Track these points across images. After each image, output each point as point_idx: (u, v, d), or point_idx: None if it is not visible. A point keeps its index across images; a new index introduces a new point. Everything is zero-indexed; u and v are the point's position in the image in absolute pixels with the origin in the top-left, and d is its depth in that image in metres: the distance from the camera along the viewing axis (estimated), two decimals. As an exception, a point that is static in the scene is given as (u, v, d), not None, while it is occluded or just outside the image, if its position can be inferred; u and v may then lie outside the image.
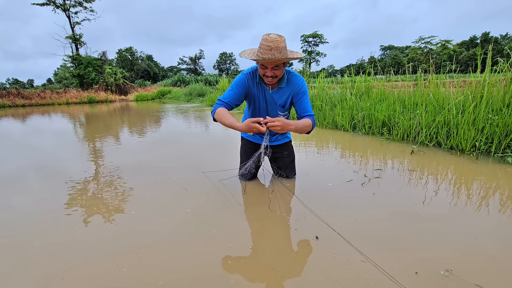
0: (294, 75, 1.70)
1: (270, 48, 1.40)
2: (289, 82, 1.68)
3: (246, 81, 1.68)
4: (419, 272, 1.01)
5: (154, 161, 2.75)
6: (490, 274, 1.00)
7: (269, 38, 1.41)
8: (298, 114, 1.73)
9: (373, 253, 1.14)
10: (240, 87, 1.67)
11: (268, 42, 1.41)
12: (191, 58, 68.41)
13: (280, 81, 1.66)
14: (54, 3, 21.18)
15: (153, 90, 22.98)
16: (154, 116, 7.62)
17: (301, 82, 1.69)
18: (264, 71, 1.53)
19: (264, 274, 1.04)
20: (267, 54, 1.41)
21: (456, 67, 3.95)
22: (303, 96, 1.68)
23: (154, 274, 1.05)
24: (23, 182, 2.25)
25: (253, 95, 1.73)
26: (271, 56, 1.41)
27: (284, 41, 1.44)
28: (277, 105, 1.75)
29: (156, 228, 1.42)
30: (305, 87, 1.69)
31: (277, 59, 1.41)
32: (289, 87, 1.69)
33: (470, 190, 1.80)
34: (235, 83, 1.68)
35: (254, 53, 1.52)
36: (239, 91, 1.67)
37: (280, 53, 1.41)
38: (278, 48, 1.40)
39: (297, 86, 1.68)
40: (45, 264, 1.15)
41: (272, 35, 1.43)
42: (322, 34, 56.58)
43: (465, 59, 41.88)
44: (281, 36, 1.44)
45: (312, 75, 7.74)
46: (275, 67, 1.50)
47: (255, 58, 1.48)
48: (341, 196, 1.76)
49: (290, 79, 1.68)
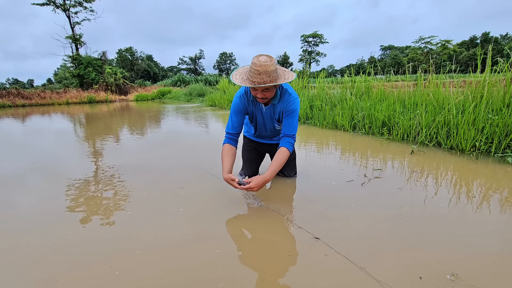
0: (287, 93, 1.68)
1: (259, 72, 1.41)
2: (281, 99, 1.69)
3: (241, 104, 1.74)
4: (423, 277, 0.98)
5: (153, 161, 2.74)
6: (497, 278, 0.98)
7: (258, 62, 1.41)
8: (282, 131, 1.73)
9: (374, 255, 1.12)
10: (237, 113, 1.74)
11: (257, 66, 1.41)
12: (191, 58, 68.43)
13: (273, 98, 1.68)
14: (54, 3, 21.15)
15: (153, 90, 22.95)
16: (154, 116, 7.61)
17: (292, 101, 1.67)
18: (255, 92, 1.55)
19: (256, 278, 1.02)
20: (256, 78, 1.42)
21: (456, 67, 3.94)
22: (290, 115, 1.68)
23: (144, 279, 1.04)
24: (20, 183, 2.24)
25: (250, 112, 1.81)
26: (260, 80, 1.42)
27: (274, 64, 1.44)
28: (273, 119, 1.80)
29: (151, 229, 1.40)
30: (293, 106, 1.67)
31: (265, 85, 1.43)
32: (280, 103, 1.70)
33: (471, 190, 1.79)
34: (232, 110, 1.75)
35: (246, 73, 1.53)
36: (238, 117, 1.74)
37: (269, 77, 1.42)
38: (267, 72, 1.41)
39: (287, 105, 1.67)
40: (39, 266, 1.14)
41: (262, 58, 1.44)
42: (322, 34, 56.65)
43: (465, 59, 41.88)
44: (271, 59, 1.44)
45: (312, 75, 7.74)
46: (265, 90, 1.51)
47: (244, 83, 1.49)
48: (341, 196, 1.75)
49: (282, 96, 1.68)
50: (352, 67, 7.18)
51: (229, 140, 1.73)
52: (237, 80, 1.52)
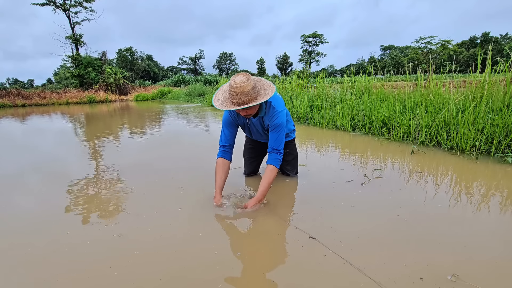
0: (271, 107, 1.66)
1: (236, 93, 1.43)
2: (267, 112, 1.68)
3: (231, 118, 1.76)
4: (424, 278, 0.98)
5: (153, 161, 2.74)
6: (497, 278, 0.98)
7: (234, 84, 1.42)
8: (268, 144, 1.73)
9: (374, 256, 1.12)
10: (228, 126, 1.77)
11: (233, 88, 1.42)
12: (191, 58, 68.43)
13: (260, 111, 1.68)
14: (54, 3, 21.15)
15: (153, 90, 22.95)
16: (154, 116, 7.61)
17: (275, 115, 1.65)
18: (238, 110, 1.56)
19: (255, 279, 1.02)
20: (234, 99, 1.45)
21: (456, 67, 3.94)
22: (275, 129, 1.67)
23: (143, 279, 1.04)
24: (19, 183, 2.24)
25: (241, 123, 1.85)
26: (238, 101, 1.44)
27: (250, 83, 1.43)
28: (264, 130, 1.82)
29: (150, 230, 1.40)
30: (277, 121, 1.65)
31: (242, 107, 1.45)
32: (266, 117, 1.71)
33: (471, 190, 1.79)
34: (224, 124, 1.77)
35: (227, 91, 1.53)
36: (230, 131, 1.77)
37: (246, 97, 1.43)
38: (243, 93, 1.42)
39: (271, 119, 1.67)
40: (38, 267, 1.14)
41: (238, 78, 1.44)
42: (322, 34, 56.66)
43: (465, 59, 41.86)
44: (248, 77, 1.45)
45: (312, 75, 7.73)
46: (246, 108, 1.52)
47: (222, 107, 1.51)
48: (341, 196, 1.75)
49: (268, 110, 1.68)
50: (352, 67, 7.18)
51: (223, 154, 1.75)
52: (218, 101, 1.55)
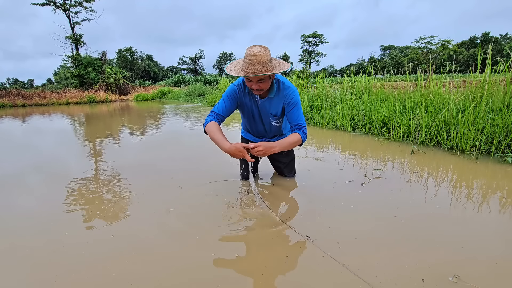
0: (285, 86, 1.66)
1: (253, 62, 1.39)
2: (279, 92, 1.66)
3: (237, 93, 1.69)
4: (425, 279, 0.97)
5: (153, 161, 2.74)
6: (498, 279, 0.97)
7: (252, 52, 1.39)
8: (290, 124, 1.72)
9: (374, 257, 1.11)
10: (231, 99, 1.69)
11: (250, 56, 1.39)
12: (191, 58, 68.42)
13: (270, 91, 1.65)
14: (54, 3, 21.16)
15: (153, 90, 22.96)
16: (154, 116, 7.61)
17: (292, 93, 1.65)
18: (250, 84, 1.53)
19: (254, 279, 1.01)
20: (250, 69, 1.40)
21: (456, 67, 3.93)
22: (294, 107, 1.66)
23: (141, 280, 1.03)
24: (18, 183, 2.24)
25: (245, 104, 1.75)
26: (254, 70, 1.40)
27: (268, 54, 1.42)
28: (269, 114, 1.75)
29: (149, 230, 1.40)
30: (295, 98, 1.65)
31: (259, 75, 1.41)
32: (280, 98, 1.67)
33: (471, 190, 1.78)
34: (226, 94, 1.70)
35: (240, 65, 1.51)
36: (230, 103, 1.69)
37: (263, 67, 1.40)
38: (261, 62, 1.39)
39: (288, 98, 1.65)
40: (37, 268, 1.13)
41: (256, 48, 1.41)
42: (322, 34, 56.62)
43: (465, 59, 41.84)
44: (266, 49, 1.42)
45: (312, 75, 7.73)
46: (260, 81, 1.49)
47: (237, 73, 1.47)
48: (340, 196, 1.74)
49: (281, 89, 1.66)
50: (352, 67, 7.18)
51: (213, 118, 1.65)
52: (231, 71, 1.50)
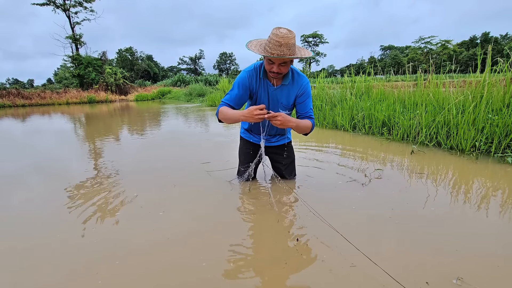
0: (299, 75, 1.66)
1: (280, 44, 1.35)
2: (293, 81, 1.65)
3: (247, 80, 1.63)
4: (430, 282, 0.96)
5: (152, 161, 2.75)
6: (502, 281, 0.97)
7: (280, 34, 1.35)
8: (299, 114, 1.72)
9: (376, 258, 1.10)
10: (242, 86, 1.63)
11: (278, 37, 1.35)
12: (191, 58, 68.36)
13: (284, 78, 1.62)
14: (54, 3, 21.16)
15: (153, 90, 22.97)
16: (153, 116, 7.61)
17: (306, 83, 1.67)
18: (270, 66, 1.49)
19: (252, 280, 1.01)
20: (276, 50, 1.36)
21: (456, 67, 3.94)
22: (307, 98, 1.66)
23: (139, 280, 1.04)
24: (17, 183, 2.24)
25: (255, 92, 1.68)
26: (280, 52, 1.36)
27: (294, 38, 1.39)
28: (279, 103, 1.70)
29: (148, 231, 1.40)
30: (309, 89, 1.67)
31: (285, 57, 1.38)
32: (294, 87, 1.65)
33: (471, 191, 1.79)
34: (237, 82, 1.64)
35: (262, 45, 1.47)
36: (241, 92, 1.63)
37: (289, 50, 1.37)
38: (288, 45, 1.35)
39: (302, 88, 1.65)
40: (37, 267, 1.14)
41: (283, 30, 1.38)
42: (322, 34, 56.58)
43: (465, 59, 41.83)
44: (292, 32, 1.39)
45: (312, 75, 7.73)
46: (282, 64, 1.47)
47: (263, 52, 1.43)
48: (341, 196, 1.75)
49: (295, 78, 1.65)
50: (352, 67, 7.18)
51: (226, 104, 1.63)
52: (255, 49, 1.46)
